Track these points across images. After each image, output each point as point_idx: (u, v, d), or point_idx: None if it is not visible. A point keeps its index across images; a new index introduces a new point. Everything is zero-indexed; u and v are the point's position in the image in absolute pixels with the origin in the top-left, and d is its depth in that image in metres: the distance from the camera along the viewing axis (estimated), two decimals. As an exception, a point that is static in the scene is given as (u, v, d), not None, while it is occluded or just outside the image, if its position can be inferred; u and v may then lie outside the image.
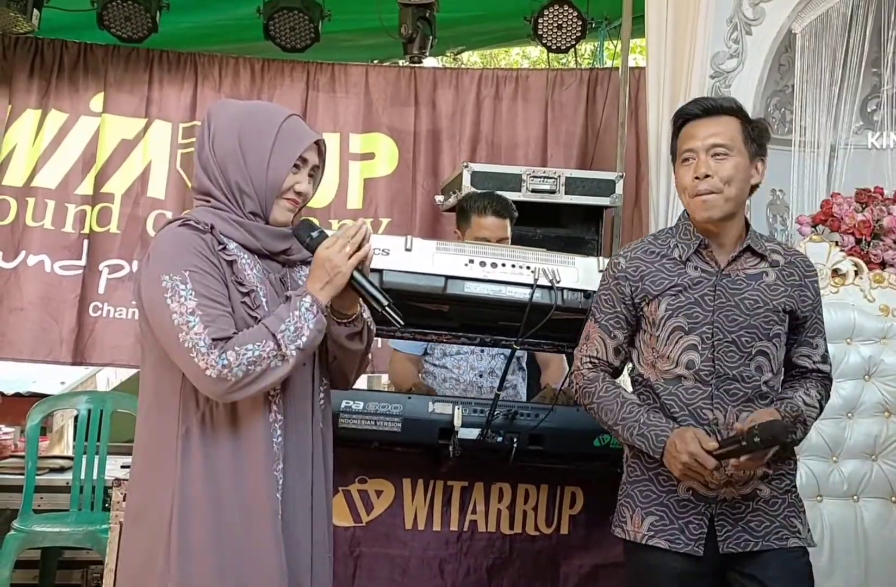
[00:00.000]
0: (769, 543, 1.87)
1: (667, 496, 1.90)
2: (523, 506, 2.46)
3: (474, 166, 3.63)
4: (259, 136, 1.72)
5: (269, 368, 1.60)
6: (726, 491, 1.87)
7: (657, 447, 1.84)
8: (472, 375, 2.93)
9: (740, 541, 1.87)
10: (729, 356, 1.89)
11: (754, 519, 1.88)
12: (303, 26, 4.19)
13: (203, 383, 1.61)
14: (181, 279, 1.61)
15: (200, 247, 1.65)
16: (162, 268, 1.63)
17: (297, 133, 1.75)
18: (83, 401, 3.70)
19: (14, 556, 3.36)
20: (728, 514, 1.87)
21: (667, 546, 1.87)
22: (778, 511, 1.89)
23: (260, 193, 1.72)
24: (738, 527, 1.87)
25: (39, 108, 4.43)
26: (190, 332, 1.58)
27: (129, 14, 4.05)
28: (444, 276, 2.16)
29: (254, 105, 1.87)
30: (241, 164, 1.71)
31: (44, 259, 4.37)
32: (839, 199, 3.26)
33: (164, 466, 1.65)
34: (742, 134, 1.91)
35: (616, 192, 3.66)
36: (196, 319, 1.59)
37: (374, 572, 2.38)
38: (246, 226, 1.72)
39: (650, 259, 1.97)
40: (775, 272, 1.95)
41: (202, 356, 1.57)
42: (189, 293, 1.61)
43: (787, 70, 3.57)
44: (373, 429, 2.26)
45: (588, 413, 2.01)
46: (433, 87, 4.68)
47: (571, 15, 4.23)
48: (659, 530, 1.89)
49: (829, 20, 3.58)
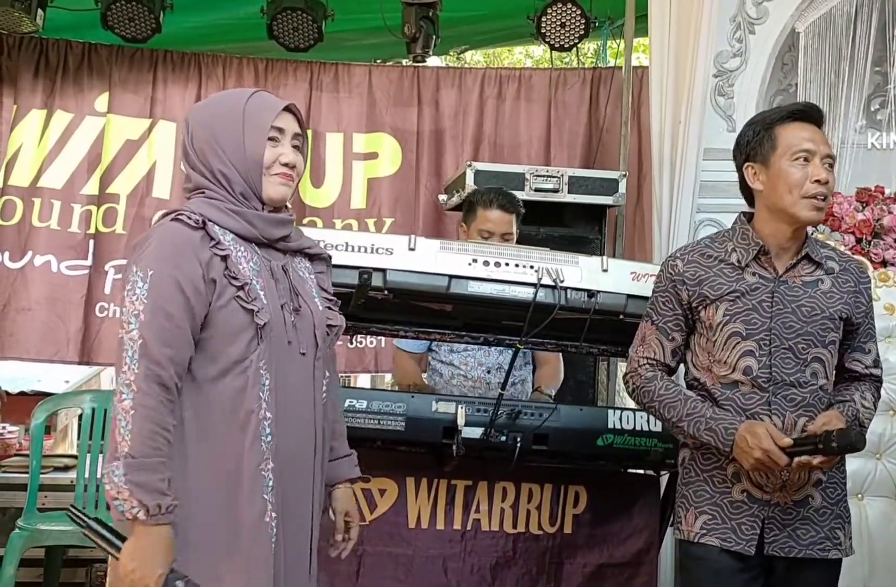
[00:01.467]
0: (811, 552, 1.89)
1: (720, 497, 1.91)
2: (527, 505, 2.46)
3: (478, 165, 3.63)
4: (229, 118, 1.71)
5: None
6: (779, 495, 1.88)
7: (727, 441, 1.84)
8: (480, 371, 2.93)
9: (784, 547, 1.88)
10: (786, 362, 1.90)
11: (802, 526, 1.89)
12: (306, 26, 4.19)
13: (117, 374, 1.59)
14: (143, 276, 1.60)
15: (187, 246, 1.63)
16: (138, 258, 1.63)
17: (264, 105, 1.73)
18: (87, 400, 3.70)
19: (19, 555, 3.36)
20: (778, 519, 1.89)
21: (718, 543, 1.88)
22: (826, 522, 1.91)
23: (244, 173, 1.70)
24: (784, 533, 1.89)
25: (44, 108, 4.43)
26: (129, 333, 1.58)
27: (132, 14, 4.05)
28: (447, 276, 2.16)
29: (220, 94, 1.88)
30: (217, 151, 1.69)
31: (50, 259, 4.38)
32: (839, 199, 3.25)
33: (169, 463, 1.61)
34: None
35: (619, 191, 3.66)
36: (134, 321, 1.58)
37: (378, 571, 2.39)
38: (243, 214, 1.70)
39: (708, 263, 1.97)
40: (831, 279, 1.97)
41: (132, 365, 1.56)
42: (143, 292, 1.59)
43: (790, 69, 3.57)
44: (376, 428, 2.26)
45: (648, 412, 2.06)
46: (436, 87, 4.69)
47: (575, 13, 4.23)
48: (711, 529, 1.90)
49: (833, 19, 3.57)
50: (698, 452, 1.95)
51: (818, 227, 3.28)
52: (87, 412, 3.65)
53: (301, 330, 1.71)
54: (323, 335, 1.76)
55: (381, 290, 2.13)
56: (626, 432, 2.37)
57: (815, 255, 1.97)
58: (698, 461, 1.95)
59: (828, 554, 1.90)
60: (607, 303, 2.19)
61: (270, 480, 1.63)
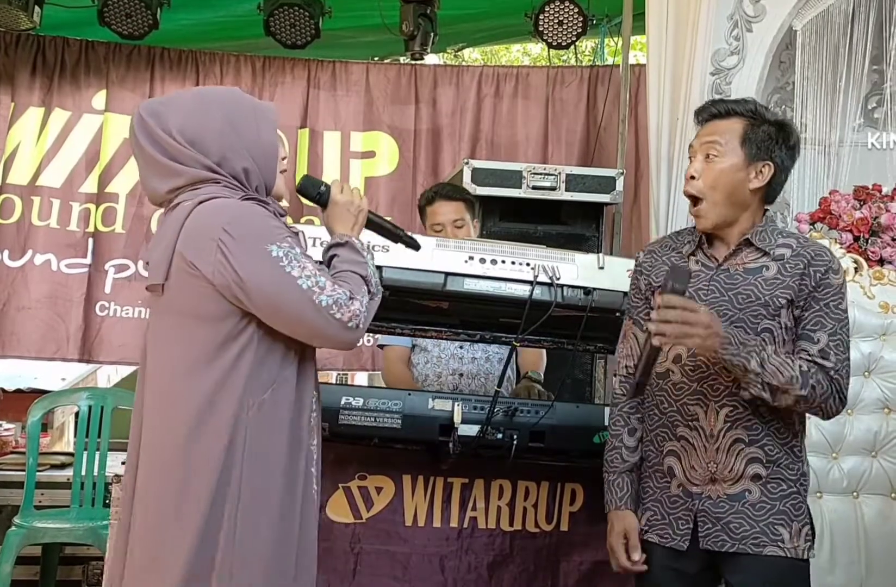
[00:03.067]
0: (745, 547, 1.84)
1: (661, 492, 1.93)
2: (523, 502, 2.46)
3: (475, 163, 3.63)
4: (241, 112, 1.69)
5: (370, 311, 1.69)
6: (712, 488, 1.87)
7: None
8: (453, 347, 2.92)
9: (717, 541, 1.86)
10: None
11: (735, 520, 1.85)
12: (303, 23, 4.19)
13: (342, 335, 1.64)
14: (289, 245, 1.62)
15: (274, 217, 1.69)
16: (263, 240, 1.60)
17: (262, 103, 1.80)
18: (84, 398, 3.70)
19: (15, 552, 3.36)
20: (710, 512, 1.87)
21: (657, 540, 1.91)
22: (763, 516, 1.85)
23: (263, 168, 1.72)
24: (717, 526, 1.86)
25: (42, 106, 4.43)
26: (325, 291, 1.61)
27: (129, 11, 4.06)
28: (443, 273, 2.15)
29: (199, 88, 1.93)
30: (234, 144, 1.67)
31: (50, 258, 4.39)
32: (837, 197, 3.26)
33: (211, 443, 1.61)
34: (741, 135, 1.88)
35: (617, 188, 3.66)
36: (323, 278, 1.63)
37: (375, 569, 2.38)
38: (271, 206, 1.73)
39: (662, 252, 2.00)
40: (777, 265, 1.90)
41: (346, 308, 1.62)
42: (301, 257, 1.63)
43: (787, 67, 3.57)
44: (373, 426, 2.26)
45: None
46: (433, 85, 4.69)
47: (572, 11, 4.23)
48: (652, 525, 1.93)
49: (830, 17, 3.57)
50: (646, 450, 1.97)
51: (815, 224, 3.28)
52: (83, 409, 3.65)
53: None
54: None
55: (377, 288, 2.13)
56: (622, 430, 2.36)
57: (759, 243, 1.91)
58: (646, 458, 1.98)
59: (762, 550, 1.83)
60: (604, 300, 2.19)
61: (316, 455, 1.74)
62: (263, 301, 1.61)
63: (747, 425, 1.86)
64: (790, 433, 1.90)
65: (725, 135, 1.89)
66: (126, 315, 4.39)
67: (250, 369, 1.64)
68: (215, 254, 1.59)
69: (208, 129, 1.66)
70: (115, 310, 4.40)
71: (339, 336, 1.64)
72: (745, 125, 1.90)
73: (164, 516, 1.62)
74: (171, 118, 1.68)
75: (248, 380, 1.63)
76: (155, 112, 1.70)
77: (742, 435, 1.86)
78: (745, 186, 1.90)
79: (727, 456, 1.86)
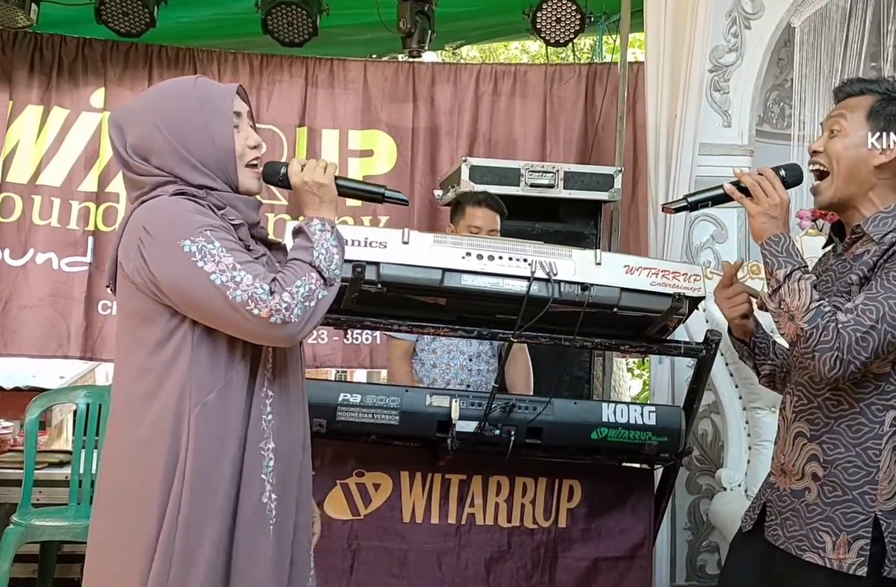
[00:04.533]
0: (789, 546, 1.79)
1: (764, 480, 1.97)
2: (521, 499, 2.46)
3: (473, 160, 3.62)
4: (184, 113, 1.62)
5: (320, 299, 1.57)
6: (783, 480, 1.85)
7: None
8: (462, 359, 3.02)
9: (774, 534, 1.83)
10: None
11: (792, 517, 1.80)
12: (301, 21, 4.18)
13: (267, 332, 1.54)
14: (206, 239, 1.54)
15: (204, 210, 1.59)
16: (176, 235, 1.54)
17: (215, 90, 1.67)
18: (82, 396, 3.70)
19: (13, 550, 3.35)
20: (775, 504, 1.86)
21: (740, 525, 1.96)
22: (812, 519, 1.76)
23: (215, 168, 1.64)
24: (777, 520, 1.84)
25: (41, 105, 4.42)
26: (241, 286, 1.51)
27: (126, 8, 4.04)
28: (441, 269, 2.15)
29: (156, 88, 1.76)
30: (183, 154, 1.61)
31: (51, 257, 4.38)
32: (838, 194, 3.25)
33: (155, 445, 1.58)
34: (867, 110, 1.81)
35: (615, 186, 3.66)
36: (241, 272, 1.52)
37: (373, 565, 2.39)
38: (226, 197, 1.65)
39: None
40: (875, 248, 1.75)
41: (263, 304, 1.51)
42: (220, 250, 1.53)
43: (786, 64, 3.57)
44: (370, 423, 2.26)
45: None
46: (431, 83, 4.67)
47: (570, 9, 4.22)
48: (747, 513, 1.97)
49: (829, 14, 3.57)
50: None
51: (816, 221, 3.28)
52: (81, 408, 3.65)
53: None
54: None
55: (374, 284, 2.13)
56: (620, 426, 2.37)
57: (873, 229, 1.77)
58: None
59: (802, 554, 1.75)
60: (601, 296, 2.18)
61: (271, 461, 1.62)
62: (179, 299, 1.56)
63: (810, 419, 1.79)
64: (865, 433, 1.73)
65: (853, 109, 1.83)
66: (129, 314, 4.39)
67: (189, 369, 1.58)
68: (136, 252, 1.57)
69: (155, 143, 1.62)
70: (116, 309, 4.40)
71: (264, 333, 1.54)
72: (876, 100, 1.82)
73: (113, 522, 1.60)
74: (125, 132, 1.66)
75: (189, 381, 1.58)
76: (116, 124, 1.68)
77: (804, 428, 1.80)
78: (870, 162, 1.80)
79: (792, 449, 1.82)
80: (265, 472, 1.61)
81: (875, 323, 1.66)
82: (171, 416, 1.58)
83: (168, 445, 1.57)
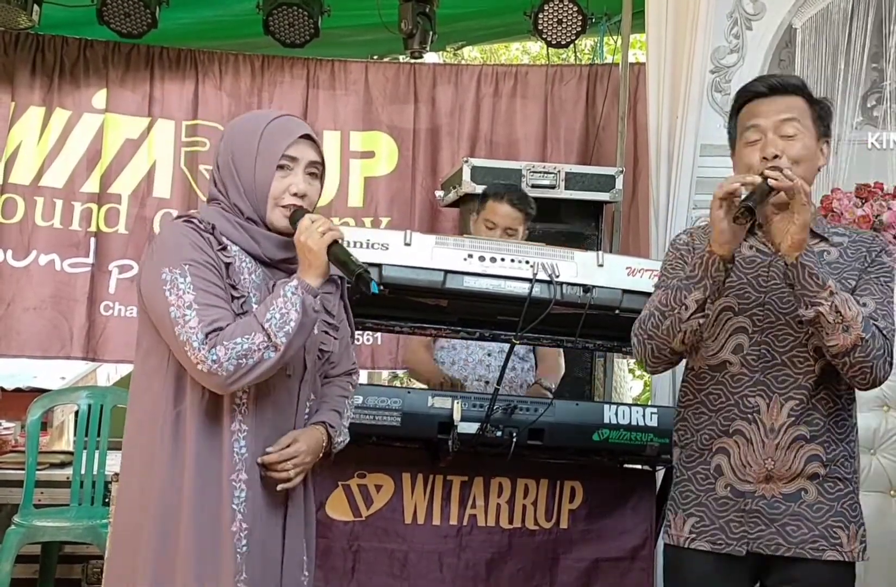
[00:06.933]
0: (802, 552, 1.75)
1: (705, 495, 1.82)
2: (523, 500, 2.46)
3: (474, 161, 3.62)
4: (245, 145, 1.73)
5: (261, 360, 1.60)
6: (766, 487, 1.78)
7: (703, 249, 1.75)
8: (482, 354, 2.98)
9: (771, 544, 1.76)
10: (780, 340, 1.79)
11: (793, 522, 1.76)
12: (302, 22, 4.18)
13: (198, 376, 1.62)
14: (181, 272, 1.62)
15: (201, 243, 1.66)
16: (163, 261, 1.64)
17: (280, 131, 1.74)
18: (83, 397, 3.71)
19: (15, 551, 3.36)
20: (764, 513, 1.77)
21: (709, 547, 1.79)
22: (821, 518, 1.76)
23: (252, 199, 1.72)
24: (771, 529, 1.76)
25: (43, 106, 4.42)
26: (185, 326, 1.59)
27: (128, 10, 4.05)
28: (443, 271, 2.16)
29: (248, 114, 1.92)
30: (235, 178, 1.73)
31: (54, 258, 4.39)
32: (839, 195, 3.26)
33: (140, 458, 1.69)
34: (810, 113, 1.84)
35: (616, 187, 3.66)
36: (192, 313, 1.59)
37: (374, 566, 2.39)
38: (248, 229, 1.72)
39: (709, 235, 1.83)
40: (838, 250, 1.84)
41: (194, 351, 1.58)
42: (188, 286, 1.61)
43: (787, 65, 3.57)
44: (372, 424, 2.26)
45: (657, 333, 1.80)
46: (432, 84, 4.67)
47: (571, 10, 4.22)
48: (701, 531, 1.81)
49: (830, 15, 3.57)
50: (684, 451, 1.88)
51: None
52: (83, 408, 3.66)
53: None
54: (312, 359, 1.77)
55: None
56: (621, 427, 2.36)
57: (817, 228, 1.86)
58: (683, 460, 1.88)
59: (822, 555, 1.75)
60: (603, 297, 2.19)
61: (243, 492, 1.65)
62: (151, 317, 1.67)
63: (808, 421, 1.78)
64: (847, 428, 1.82)
65: (803, 115, 1.83)
66: (131, 315, 4.37)
67: (164, 381, 1.67)
68: (142, 261, 1.75)
69: (222, 164, 1.76)
70: (119, 310, 4.41)
71: (195, 374, 1.62)
72: (808, 102, 1.85)
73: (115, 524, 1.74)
74: (219, 147, 1.82)
75: (165, 392, 1.66)
76: (220, 138, 1.84)
77: (804, 431, 1.78)
78: (816, 165, 1.86)
79: (786, 453, 1.77)
80: (236, 503, 1.65)
81: (894, 325, 1.78)
82: (146, 425, 1.68)
83: (140, 454, 1.68)
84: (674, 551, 1.86)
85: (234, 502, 1.64)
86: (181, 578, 1.61)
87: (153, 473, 1.65)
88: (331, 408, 1.83)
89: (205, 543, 1.62)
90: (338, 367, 1.89)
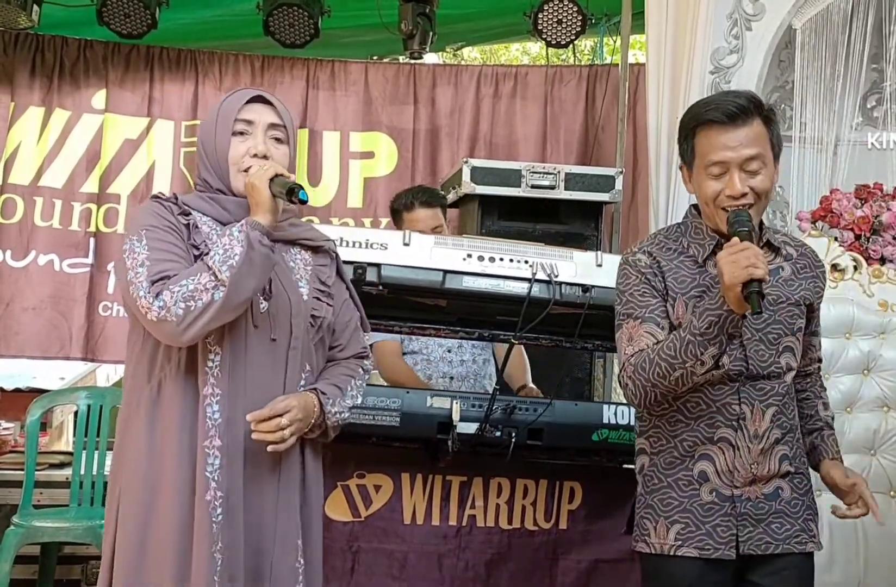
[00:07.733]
0: (789, 547, 1.82)
1: (689, 501, 1.82)
2: (522, 500, 2.46)
3: (473, 162, 3.62)
4: (207, 119, 1.80)
5: (210, 301, 1.56)
6: (749, 489, 1.82)
7: (716, 300, 1.70)
8: (441, 351, 2.96)
9: (761, 544, 1.80)
10: (759, 354, 1.84)
11: (776, 520, 1.82)
12: (302, 22, 4.19)
13: (153, 328, 1.62)
14: (137, 238, 1.65)
15: (160, 211, 1.69)
16: (127, 232, 1.70)
17: (233, 99, 1.78)
18: (83, 397, 3.70)
19: (14, 551, 3.35)
20: (752, 515, 1.81)
21: (697, 554, 1.79)
22: (798, 513, 1.86)
23: (216, 169, 1.75)
24: (759, 529, 1.81)
25: (43, 106, 4.43)
26: (135, 282, 1.60)
27: (128, 10, 4.05)
28: (442, 271, 2.16)
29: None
30: (202, 152, 1.77)
31: (53, 258, 4.39)
32: (838, 195, 3.26)
33: (124, 435, 1.71)
34: (768, 137, 1.82)
35: (616, 187, 3.66)
36: (143, 269, 1.60)
37: (373, 567, 2.38)
38: (217, 199, 1.75)
39: (669, 256, 1.86)
40: (790, 266, 1.91)
41: (141, 300, 1.58)
42: (143, 248, 1.63)
43: (787, 66, 3.57)
44: (371, 424, 2.26)
45: (653, 383, 1.78)
46: (432, 85, 4.68)
47: (571, 10, 4.23)
48: (687, 538, 1.80)
49: (830, 16, 3.57)
50: (658, 458, 1.87)
51: (816, 223, 3.28)
52: (82, 409, 3.65)
53: (274, 316, 1.71)
54: (301, 324, 1.75)
55: (375, 285, 2.13)
56: (621, 427, 2.36)
57: (774, 242, 1.91)
58: (659, 466, 1.86)
59: (805, 547, 1.84)
60: (602, 297, 2.18)
61: (216, 459, 1.62)
62: (121, 291, 1.69)
63: (780, 423, 1.85)
64: (797, 426, 1.92)
65: (763, 145, 1.80)
66: (130, 314, 4.39)
67: (139, 358, 1.70)
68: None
69: (197, 149, 1.82)
70: (118, 311, 4.41)
71: (151, 329, 1.63)
72: (764, 122, 1.82)
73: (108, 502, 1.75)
74: None
75: (144, 366, 1.69)
76: None
77: (778, 434, 1.85)
78: (775, 184, 1.90)
79: (767, 457, 1.83)
80: (210, 470, 1.61)
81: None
82: (131, 404, 1.70)
83: (122, 438, 1.70)
84: (656, 560, 1.84)
85: (207, 470, 1.61)
86: (157, 552, 1.61)
87: (132, 443, 1.67)
88: (329, 383, 1.80)
89: (183, 515, 1.60)
90: (346, 350, 1.88)
